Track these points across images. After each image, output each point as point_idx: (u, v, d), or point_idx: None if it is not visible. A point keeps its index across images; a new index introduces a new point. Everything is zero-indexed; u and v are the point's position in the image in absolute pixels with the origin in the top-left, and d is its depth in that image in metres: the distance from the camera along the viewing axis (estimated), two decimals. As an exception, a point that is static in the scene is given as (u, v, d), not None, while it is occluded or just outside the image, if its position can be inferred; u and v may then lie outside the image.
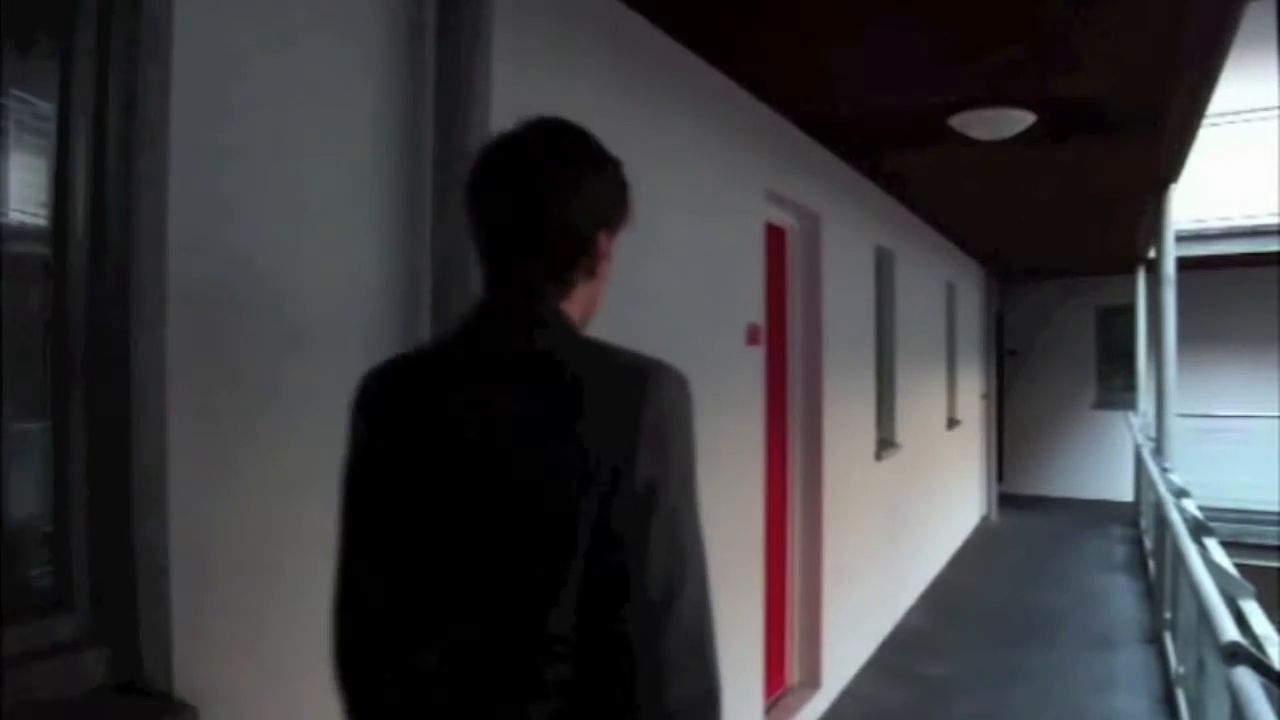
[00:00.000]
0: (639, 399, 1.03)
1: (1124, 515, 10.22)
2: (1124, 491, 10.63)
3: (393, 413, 1.16)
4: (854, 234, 5.46)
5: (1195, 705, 3.96)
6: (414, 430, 1.12)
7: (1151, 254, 7.44)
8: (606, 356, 1.10)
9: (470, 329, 1.15)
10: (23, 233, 1.40)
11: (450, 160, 1.95)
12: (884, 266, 6.43)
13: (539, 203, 1.11)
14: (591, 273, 1.16)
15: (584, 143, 1.16)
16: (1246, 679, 2.37)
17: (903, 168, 5.39)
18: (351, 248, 1.84)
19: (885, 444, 6.19)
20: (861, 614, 5.43)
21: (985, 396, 10.76)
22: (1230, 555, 4.13)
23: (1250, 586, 3.32)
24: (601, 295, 1.22)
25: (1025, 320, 12.35)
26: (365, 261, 1.87)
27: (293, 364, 1.70)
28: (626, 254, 1.38)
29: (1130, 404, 10.39)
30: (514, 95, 2.19)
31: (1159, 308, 6.08)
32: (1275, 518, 8.21)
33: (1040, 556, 8.66)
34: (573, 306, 1.15)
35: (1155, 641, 5.83)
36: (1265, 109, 8.42)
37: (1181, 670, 4.69)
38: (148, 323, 1.46)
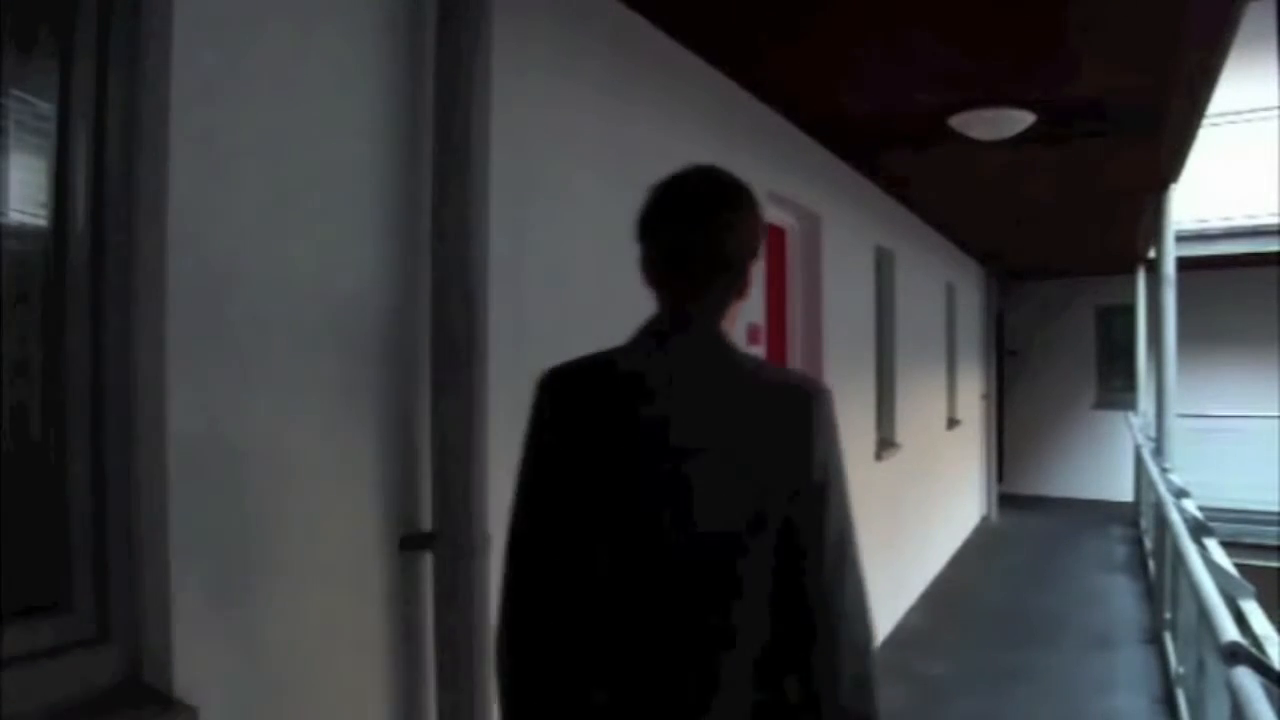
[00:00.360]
0: (808, 411, 1.26)
1: (1124, 515, 10.22)
2: (1124, 491, 10.62)
3: (573, 409, 1.32)
4: (854, 234, 5.45)
5: (1195, 705, 3.96)
6: (594, 425, 1.29)
7: (1151, 254, 7.44)
8: (778, 372, 1.37)
9: (649, 340, 1.33)
10: (23, 233, 1.40)
11: (450, 160, 1.95)
12: (884, 266, 6.42)
13: (706, 239, 1.32)
14: (740, 295, 1.37)
15: (739, 188, 1.38)
16: (1246, 679, 2.37)
17: (903, 168, 5.39)
18: (351, 247, 1.84)
19: (885, 444, 6.19)
20: (861, 614, 5.41)
21: (985, 396, 10.76)
22: (1230, 555, 4.13)
23: (1250, 586, 3.32)
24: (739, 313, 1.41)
25: (1025, 320, 12.35)
26: (365, 260, 1.87)
27: (291, 362, 1.70)
28: (628, 255, 1.39)
29: (1130, 404, 10.39)
30: (514, 95, 2.20)
31: (1159, 308, 6.08)
32: (1275, 518, 8.20)
33: (1040, 556, 8.66)
34: (726, 323, 1.36)
35: (1155, 641, 5.83)
36: (1265, 109, 8.42)
37: (1181, 670, 4.69)
38: (148, 323, 1.46)
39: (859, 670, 1.24)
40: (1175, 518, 4.63)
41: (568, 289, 2.51)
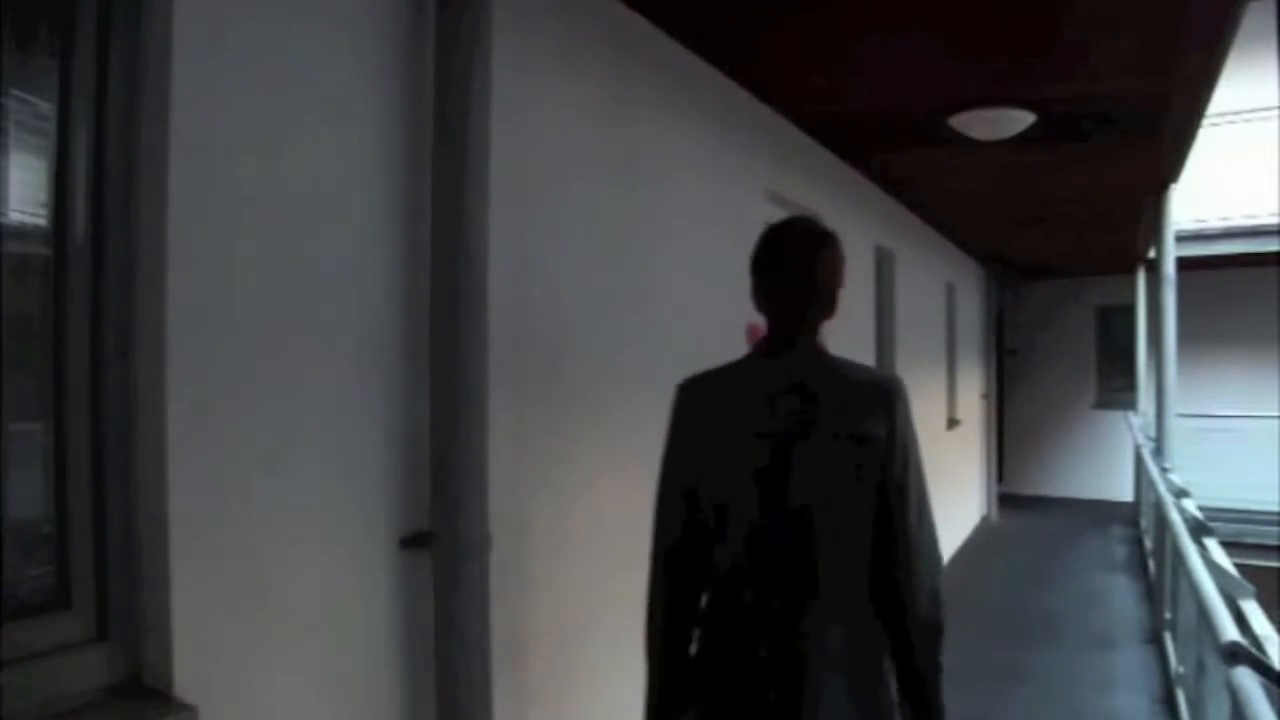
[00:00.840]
0: (891, 399, 1.68)
1: (1124, 515, 10.21)
2: (1124, 491, 10.62)
3: (704, 407, 1.74)
4: (854, 234, 5.44)
5: (1195, 705, 3.96)
6: (723, 418, 1.70)
7: (1151, 254, 7.44)
8: (864, 370, 1.80)
9: (763, 355, 1.75)
10: (23, 233, 1.41)
11: (450, 160, 1.95)
12: (884, 266, 6.42)
13: (804, 278, 1.71)
14: (830, 315, 1.75)
15: (827, 235, 1.75)
16: (1246, 679, 2.37)
17: (903, 168, 5.39)
18: (349, 247, 1.84)
19: (885, 444, 6.17)
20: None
21: (985, 396, 10.76)
22: (1230, 555, 4.13)
23: (1250, 586, 3.32)
24: None
25: (1025, 320, 12.34)
26: (364, 260, 1.87)
27: (290, 361, 1.70)
28: (627, 255, 1.39)
29: (1130, 404, 10.39)
30: (514, 96, 2.20)
31: (1159, 308, 6.08)
32: (1275, 518, 8.19)
33: (1040, 556, 8.66)
34: (820, 338, 1.75)
35: (1155, 641, 5.83)
36: (1265, 109, 8.41)
37: (1181, 670, 4.69)
38: (148, 323, 1.46)
39: (933, 587, 1.70)
40: (1175, 518, 4.63)
41: (567, 288, 2.51)
